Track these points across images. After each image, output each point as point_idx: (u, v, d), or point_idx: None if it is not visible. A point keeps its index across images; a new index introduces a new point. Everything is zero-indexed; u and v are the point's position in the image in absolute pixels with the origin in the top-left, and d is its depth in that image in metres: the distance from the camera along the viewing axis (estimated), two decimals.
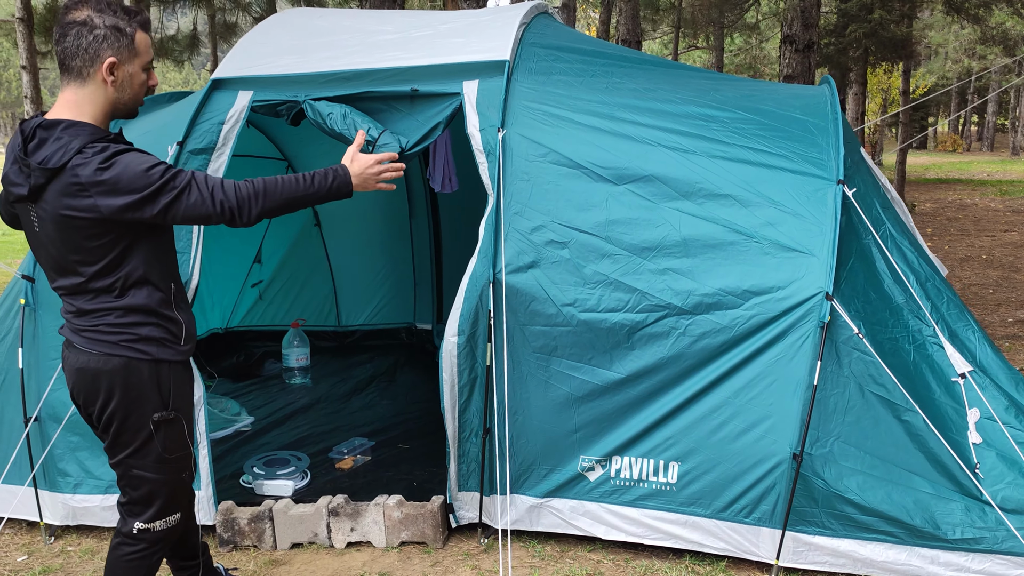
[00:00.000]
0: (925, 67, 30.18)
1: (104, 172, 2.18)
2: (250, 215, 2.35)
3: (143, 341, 2.37)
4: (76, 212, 2.21)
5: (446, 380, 3.32)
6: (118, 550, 2.54)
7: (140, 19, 2.34)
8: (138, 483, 2.46)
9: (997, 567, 2.99)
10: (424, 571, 3.22)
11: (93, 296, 2.34)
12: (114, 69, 2.27)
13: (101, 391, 2.36)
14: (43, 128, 2.25)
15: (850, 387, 3.11)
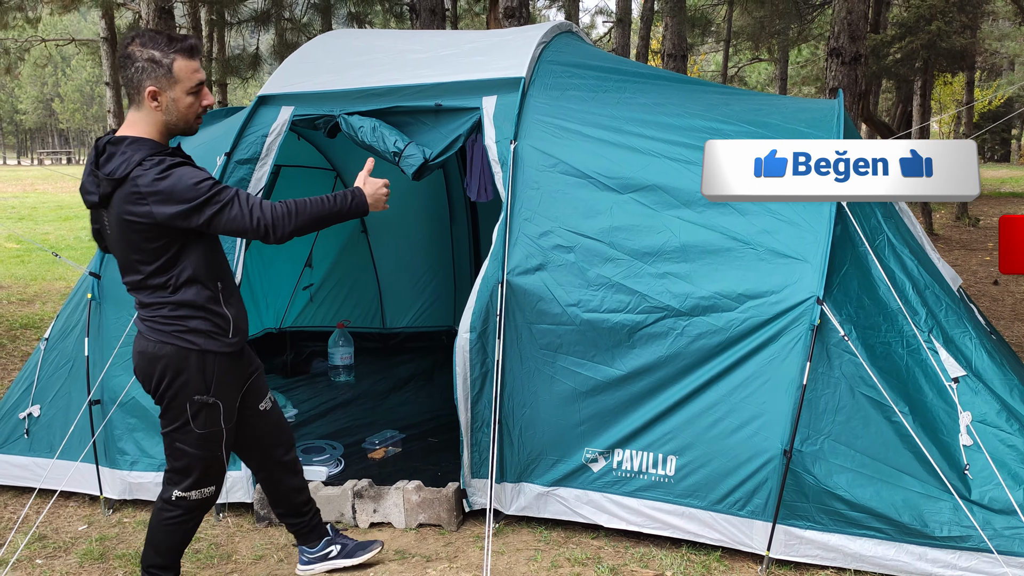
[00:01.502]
0: (1005, 77, 29.32)
1: (160, 183, 2.52)
2: (282, 233, 2.65)
3: (192, 332, 2.70)
4: (135, 217, 2.55)
5: (459, 374, 3.58)
6: (158, 515, 2.89)
7: (180, 47, 2.64)
8: (179, 455, 2.80)
9: (983, 564, 3.08)
10: (437, 550, 3.47)
11: (151, 291, 2.69)
12: (156, 96, 2.61)
13: (156, 373, 2.71)
14: (111, 144, 2.61)
15: (841, 388, 3.26)
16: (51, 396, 4.15)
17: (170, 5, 8.01)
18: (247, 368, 2.95)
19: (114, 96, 9.95)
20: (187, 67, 2.64)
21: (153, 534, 2.91)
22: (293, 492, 3.19)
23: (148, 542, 2.93)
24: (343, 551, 3.29)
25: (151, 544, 2.92)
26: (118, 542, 3.66)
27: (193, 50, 2.70)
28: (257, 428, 3.03)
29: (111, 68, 9.77)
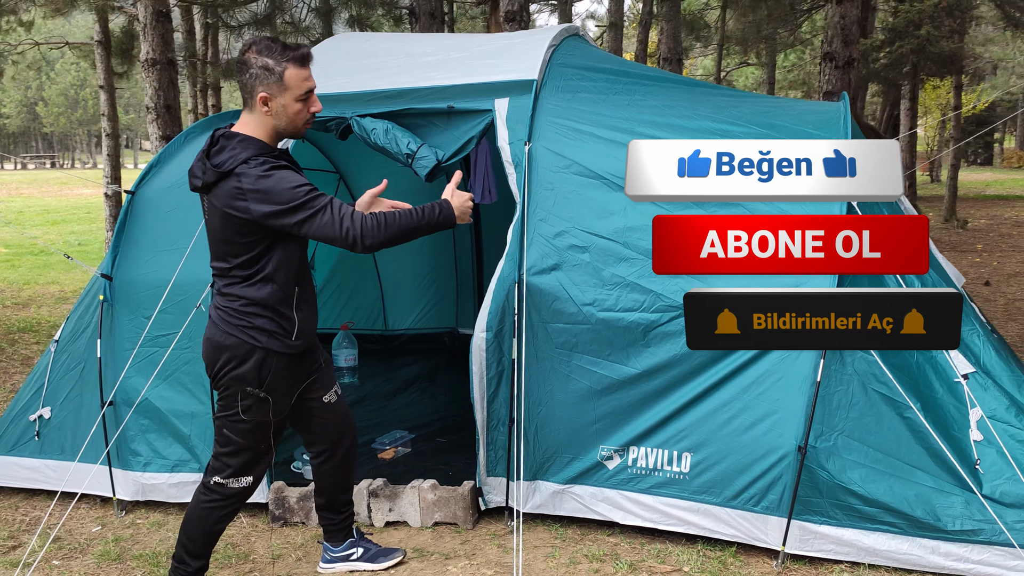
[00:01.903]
0: (988, 82, 29.65)
1: (261, 181, 2.64)
2: (370, 243, 2.71)
3: (256, 330, 2.81)
4: (234, 211, 2.67)
5: (475, 372, 3.61)
6: (196, 498, 2.98)
7: (292, 56, 2.75)
8: (225, 441, 2.91)
9: (995, 558, 3.14)
10: (455, 548, 3.50)
11: (231, 282, 2.81)
12: (267, 102, 2.74)
13: (218, 360, 2.83)
14: (225, 137, 2.75)
15: (853, 385, 3.31)
16: (62, 398, 4.14)
17: (167, 8, 8.01)
18: (309, 366, 3.04)
19: (108, 99, 9.92)
20: (298, 75, 2.76)
21: (188, 519, 2.99)
22: (340, 489, 3.28)
23: (183, 528, 3.00)
24: (365, 555, 3.31)
25: (185, 529, 2.99)
26: (133, 543, 3.66)
27: (304, 59, 2.81)
28: (324, 418, 3.14)
29: (105, 71, 9.73)
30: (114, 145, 10.08)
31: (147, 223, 4.15)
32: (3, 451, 4.19)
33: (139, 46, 9.94)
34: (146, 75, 8.04)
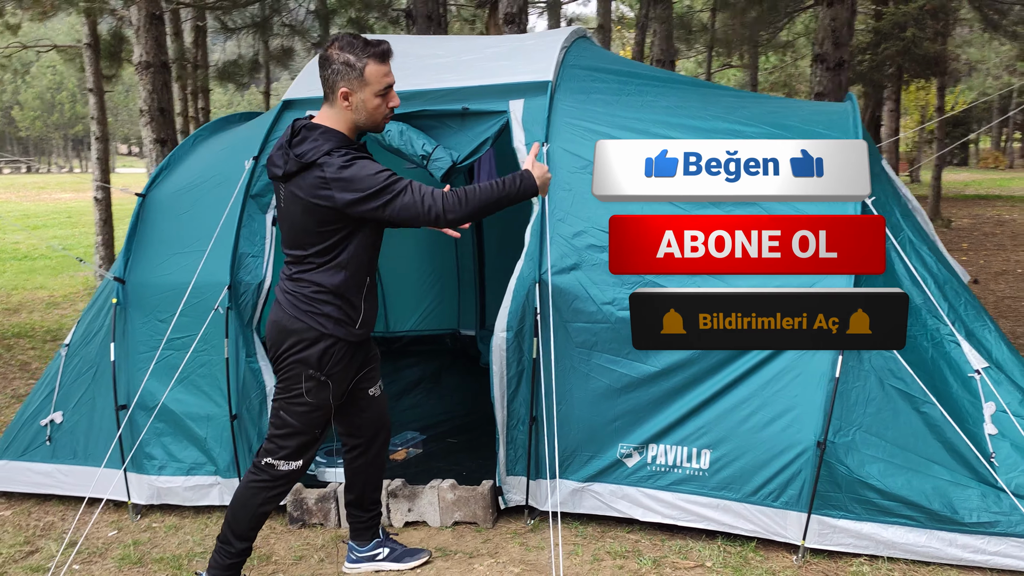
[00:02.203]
0: (965, 83, 30.07)
1: (343, 171, 2.71)
2: (453, 218, 2.76)
3: (323, 317, 2.87)
4: (317, 200, 2.74)
5: (496, 372, 3.63)
6: (246, 477, 3.03)
7: (373, 52, 2.80)
8: (281, 424, 2.97)
9: (1012, 549, 3.20)
10: (476, 547, 3.51)
11: (303, 270, 2.87)
12: (348, 96, 2.80)
13: (283, 343, 2.90)
14: (307, 129, 2.81)
15: (871, 380, 3.36)
16: (74, 402, 4.12)
17: (160, 11, 7.96)
18: (365, 355, 3.10)
19: (97, 102, 9.83)
20: (378, 71, 2.81)
21: (235, 498, 3.04)
22: (371, 487, 3.31)
23: (230, 507, 3.04)
24: (391, 555, 3.32)
25: (232, 508, 3.03)
26: (152, 547, 3.65)
27: (384, 55, 2.85)
28: (365, 411, 3.19)
29: (94, 74, 9.64)
30: (103, 148, 9.99)
31: (159, 226, 4.13)
32: (14, 456, 4.16)
33: (128, 49, 9.89)
34: (140, 78, 7.99)
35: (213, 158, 4.28)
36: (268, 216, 3.93)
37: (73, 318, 8.79)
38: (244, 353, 3.83)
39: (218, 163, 4.17)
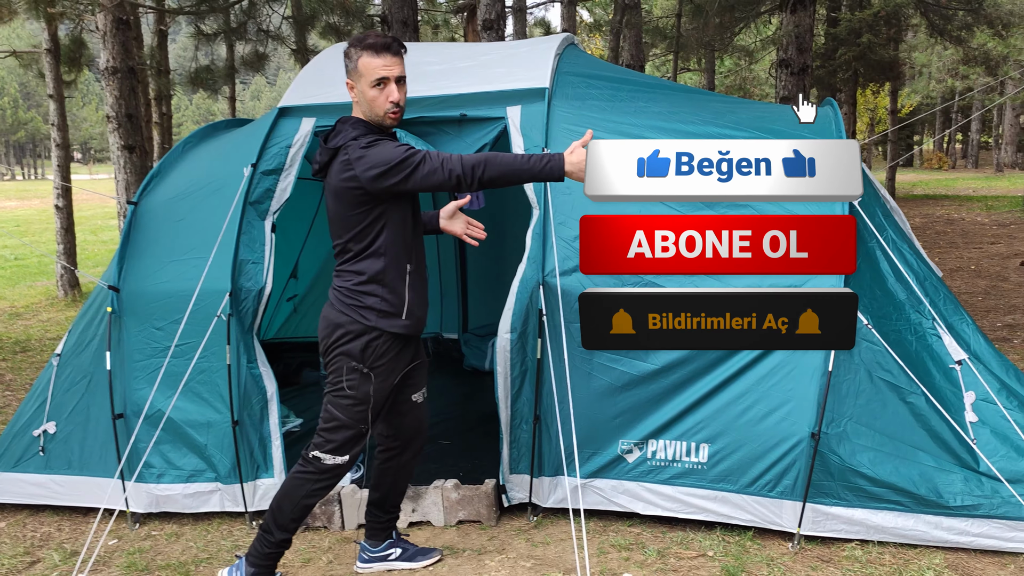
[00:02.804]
0: (910, 87, 30.93)
1: (365, 151, 2.82)
2: (473, 181, 2.78)
3: (367, 309, 2.94)
4: (345, 184, 2.84)
5: (500, 372, 3.70)
6: (295, 468, 3.09)
7: (367, 44, 2.90)
8: (329, 417, 3.03)
9: (994, 530, 3.37)
10: (482, 544, 3.58)
11: (345, 260, 2.96)
12: (352, 89, 2.95)
13: (331, 337, 2.98)
14: (342, 122, 2.95)
15: (860, 373, 3.51)
16: (68, 412, 4.09)
17: (127, 16, 7.88)
18: (413, 354, 3.15)
19: (58, 108, 9.66)
20: (370, 63, 2.88)
21: (283, 489, 3.09)
22: (397, 490, 3.37)
23: (275, 497, 3.09)
24: (403, 555, 3.37)
25: (277, 498, 3.08)
26: (155, 554, 3.64)
27: (376, 47, 2.92)
28: (406, 416, 3.25)
29: (55, 80, 9.47)
30: (64, 155, 9.83)
31: (152, 234, 4.12)
32: (6, 468, 4.11)
33: (88, 54, 9.74)
34: (106, 84, 7.89)
35: (207, 165, 4.28)
36: (267, 223, 3.95)
37: (38, 328, 8.63)
38: (245, 359, 3.84)
39: (213, 170, 4.17)
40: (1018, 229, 14.37)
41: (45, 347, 7.66)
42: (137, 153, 8.06)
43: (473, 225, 3.26)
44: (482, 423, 5.00)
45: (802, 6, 8.13)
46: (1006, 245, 12.60)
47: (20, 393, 6.19)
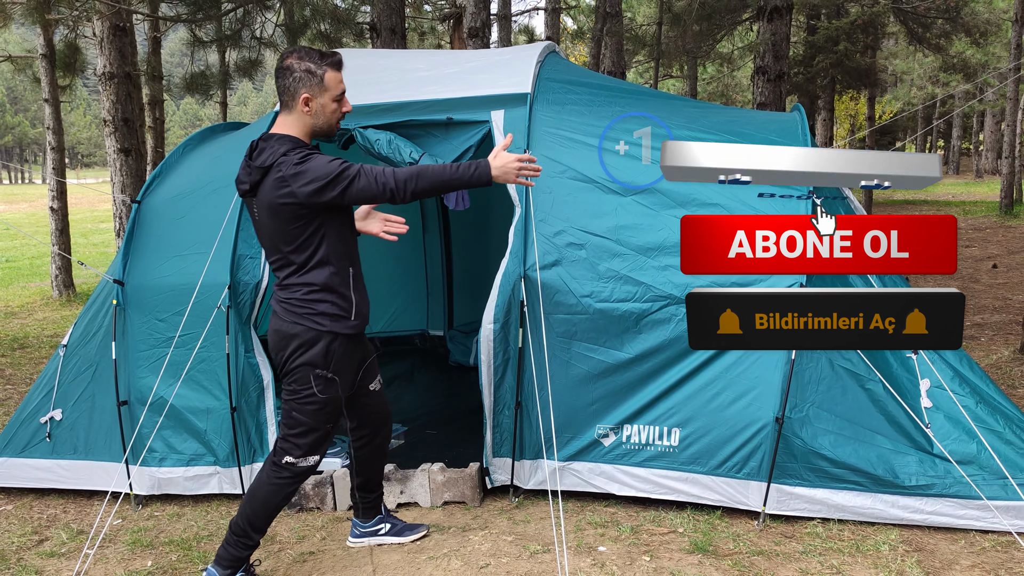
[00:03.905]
0: (891, 93, 31.38)
1: (299, 166, 2.88)
2: (406, 194, 2.94)
3: (320, 315, 3.03)
4: (281, 199, 2.89)
5: (483, 361, 3.92)
6: (266, 476, 3.15)
7: (330, 61, 3.03)
8: (294, 423, 3.11)
9: (946, 508, 3.61)
10: (467, 523, 3.80)
11: (290, 273, 3.03)
12: (308, 102, 2.98)
13: (288, 349, 3.05)
14: (263, 140, 2.99)
15: (822, 361, 3.75)
16: (73, 400, 4.28)
17: (124, 23, 8.07)
18: (364, 350, 3.30)
19: (53, 113, 9.83)
20: (335, 78, 3.04)
21: (256, 495, 3.16)
22: (377, 470, 3.58)
23: (249, 503, 3.16)
24: (393, 530, 3.59)
25: (252, 504, 3.15)
26: (158, 532, 3.84)
27: (339, 64, 3.10)
28: (368, 406, 3.41)
29: (50, 84, 9.65)
30: (59, 159, 9.99)
31: (155, 231, 4.33)
32: (13, 453, 4.30)
33: (82, 59, 9.92)
34: (103, 88, 8.08)
35: (206, 166, 4.50)
36: None
37: (35, 326, 8.80)
38: (243, 349, 4.05)
39: (212, 171, 4.38)
40: (993, 233, 14.73)
41: (43, 343, 7.84)
42: (132, 156, 8.25)
43: (391, 221, 3.33)
44: (466, 415, 5.22)
45: (778, 15, 8.40)
46: (980, 248, 12.93)
47: (20, 387, 6.37)
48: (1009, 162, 16.61)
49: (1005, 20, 17.97)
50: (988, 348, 6.73)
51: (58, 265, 10.31)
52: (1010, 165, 16.64)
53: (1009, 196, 16.78)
